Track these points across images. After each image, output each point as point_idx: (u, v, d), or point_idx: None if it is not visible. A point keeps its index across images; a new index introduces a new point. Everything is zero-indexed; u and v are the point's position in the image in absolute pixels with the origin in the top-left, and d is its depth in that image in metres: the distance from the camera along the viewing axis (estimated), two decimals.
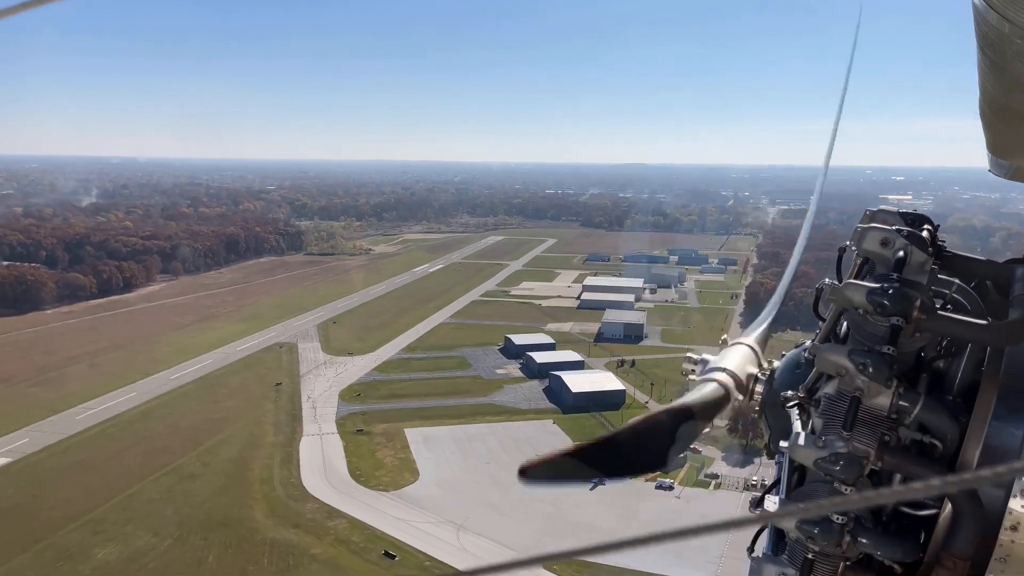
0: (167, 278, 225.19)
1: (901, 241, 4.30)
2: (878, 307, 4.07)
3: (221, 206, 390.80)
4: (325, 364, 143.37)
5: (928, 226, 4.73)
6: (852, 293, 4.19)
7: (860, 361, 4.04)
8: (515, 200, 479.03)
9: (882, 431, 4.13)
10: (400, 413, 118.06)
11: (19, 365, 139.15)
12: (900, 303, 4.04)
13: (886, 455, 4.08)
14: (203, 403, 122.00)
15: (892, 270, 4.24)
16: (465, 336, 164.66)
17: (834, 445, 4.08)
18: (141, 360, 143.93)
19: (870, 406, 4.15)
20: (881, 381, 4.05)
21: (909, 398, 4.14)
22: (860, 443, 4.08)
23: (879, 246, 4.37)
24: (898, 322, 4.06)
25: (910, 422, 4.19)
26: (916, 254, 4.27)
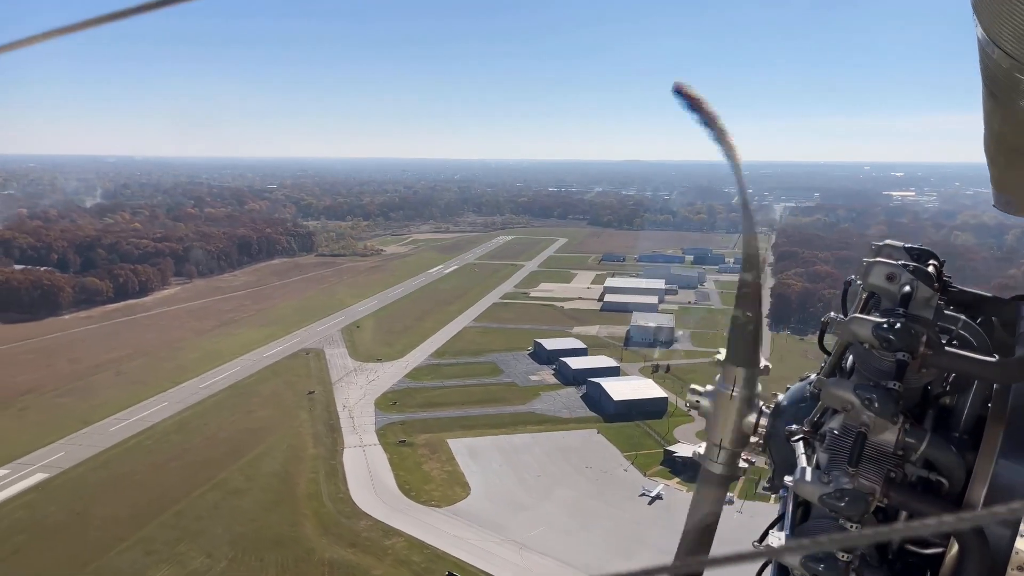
0: (181, 281, 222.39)
1: (907, 276, 4.28)
2: (884, 342, 4.04)
3: (226, 206, 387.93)
4: (355, 371, 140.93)
5: (934, 261, 4.72)
6: (858, 327, 4.15)
7: (866, 396, 4.03)
8: (520, 199, 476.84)
9: (888, 467, 4.10)
10: (440, 423, 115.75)
11: (45, 374, 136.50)
12: (906, 338, 4.01)
13: (892, 492, 4.04)
14: (237, 413, 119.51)
15: (898, 305, 4.22)
16: (492, 341, 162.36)
17: (839, 481, 4.04)
18: (168, 368, 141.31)
19: (876, 442, 4.13)
20: (887, 416, 4.03)
21: (915, 434, 4.12)
22: (866, 479, 4.05)
23: (885, 280, 4.33)
24: (904, 357, 4.04)
25: (916, 459, 4.16)
26: (922, 289, 4.24)
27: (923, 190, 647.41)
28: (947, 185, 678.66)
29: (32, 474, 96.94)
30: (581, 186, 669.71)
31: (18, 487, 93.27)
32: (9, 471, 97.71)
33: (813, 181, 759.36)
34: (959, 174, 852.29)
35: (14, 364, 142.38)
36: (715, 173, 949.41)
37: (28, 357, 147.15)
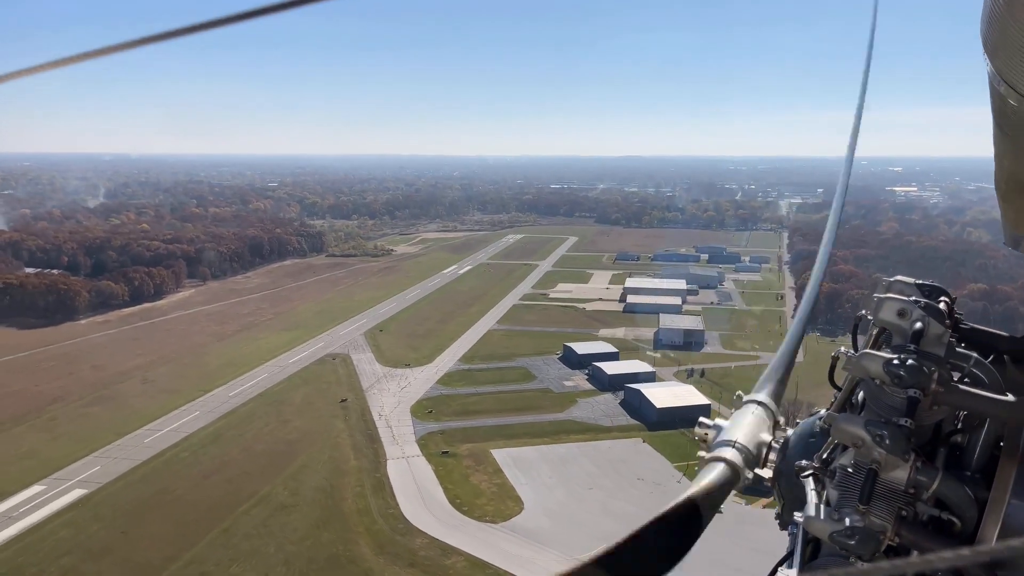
0: (194, 283, 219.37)
1: (918, 312, 4.32)
2: (895, 378, 4.07)
3: (231, 205, 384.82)
4: (385, 377, 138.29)
5: (945, 298, 4.72)
6: (869, 363, 4.17)
7: (877, 433, 4.02)
8: (525, 196, 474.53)
9: (899, 505, 4.08)
10: (480, 432, 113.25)
11: (69, 382, 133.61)
12: (918, 375, 4.04)
13: (903, 530, 4.02)
14: (271, 423, 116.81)
15: (909, 341, 4.25)
16: (519, 344, 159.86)
17: (850, 518, 4.03)
18: (194, 375, 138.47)
19: (887, 479, 4.11)
20: (899, 454, 4.02)
21: (927, 472, 4.11)
22: (877, 517, 4.04)
23: (896, 316, 4.39)
24: (916, 394, 4.06)
25: (928, 497, 4.13)
26: (934, 326, 4.28)
27: (924, 185, 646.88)
28: (947, 180, 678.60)
29: (70, 490, 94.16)
30: (582, 182, 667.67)
31: (58, 504, 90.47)
32: (46, 487, 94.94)
33: (812, 176, 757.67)
34: (958, 168, 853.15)
35: (36, 372, 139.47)
36: (715, 168, 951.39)
37: (49, 364, 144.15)
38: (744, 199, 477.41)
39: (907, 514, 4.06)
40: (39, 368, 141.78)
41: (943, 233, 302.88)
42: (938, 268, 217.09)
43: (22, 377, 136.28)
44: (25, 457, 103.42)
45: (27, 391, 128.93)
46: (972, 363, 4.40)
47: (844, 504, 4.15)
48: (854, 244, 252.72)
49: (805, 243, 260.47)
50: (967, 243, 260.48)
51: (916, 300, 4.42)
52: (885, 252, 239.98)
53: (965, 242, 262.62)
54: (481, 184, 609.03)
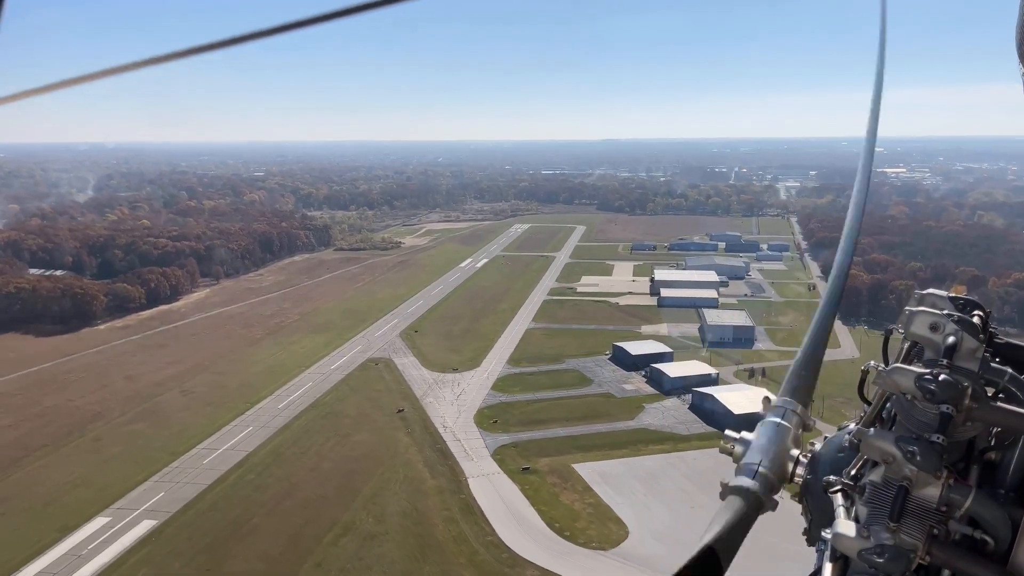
0: (208, 282, 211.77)
1: (952, 326, 4.24)
2: (927, 394, 4.00)
3: (224, 197, 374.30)
4: (436, 384, 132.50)
5: (979, 312, 4.59)
6: (900, 378, 4.10)
7: (908, 449, 3.96)
8: (521, 183, 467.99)
9: (931, 524, 3.99)
10: (554, 444, 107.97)
11: (105, 396, 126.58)
12: (951, 391, 3.96)
13: (935, 549, 3.93)
14: (331, 438, 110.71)
15: (942, 356, 4.18)
16: (563, 344, 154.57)
17: (880, 536, 3.95)
18: (234, 386, 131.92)
19: (918, 497, 4.02)
20: (930, 471, 3.94)
21: (960, 490, 4.02)
22: (907, 535, 3.95)
23: (928, 330, 4.30)
24: (948, 410, 3.97)
25: (960, 515, 4.04)
26: (967, 340, 4.19)
27: (911, 166, 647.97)
28: (932, 160, 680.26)
29: (138, 521, 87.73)
30: (570, 168, 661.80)
31: (128, 539, 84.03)
32: (111, 518, 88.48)
33: (799, 158, 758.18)
34: (939, 148, 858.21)
35: (67, 385, 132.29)
36: (697, 151, 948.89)
37: (79, 376, 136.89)
38: (739, 183, 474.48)
39: (939, 532, 3.95)
40: (69, 380, 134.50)
41: (954, 216, 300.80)
42: (966, 254, 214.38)
43: (53, 391, 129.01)
44: (80, 484, 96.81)
45: (63, 407, 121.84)
46: (1007, 378, 4.26)
47: (874, 521, 4.03)
48: (874, 231, 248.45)
49: (824, 230, 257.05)
50: (988, 228, 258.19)
51: (949, 314, 4.28)
52: (907, 239, 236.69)
53: (986, 227, 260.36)
54: (472, 171, 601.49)
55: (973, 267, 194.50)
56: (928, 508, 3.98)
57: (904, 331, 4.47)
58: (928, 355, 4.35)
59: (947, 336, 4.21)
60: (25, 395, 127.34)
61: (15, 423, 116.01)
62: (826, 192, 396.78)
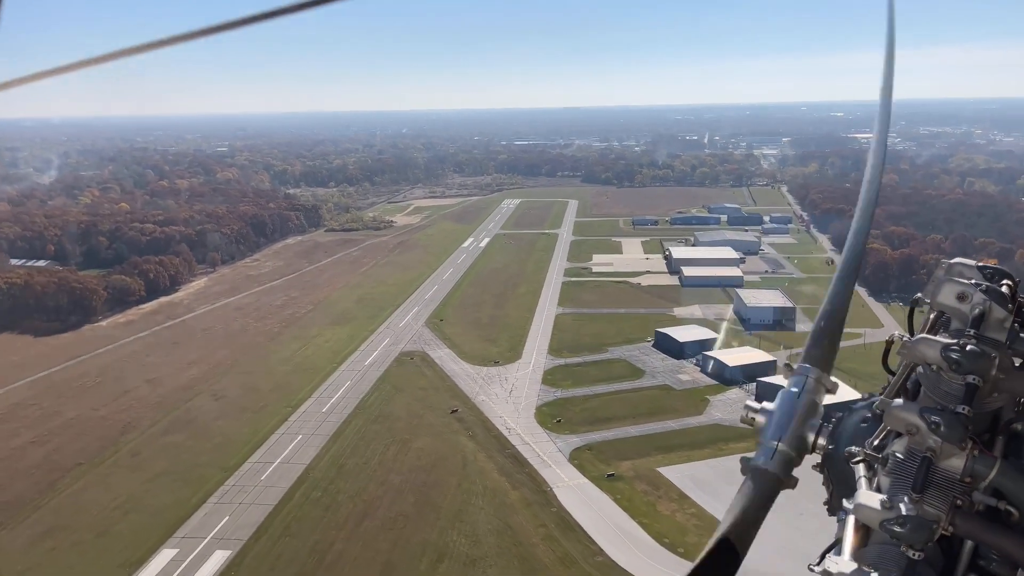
0: (204, 269, 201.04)
1: (979, 296, 4.18)
2: (953, 364, 3.97)
3: (194, 175, 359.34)
4: (482, 379, 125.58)
5: (1008, 281, 4.50)
6: (926, 348, 4.08)
7: (933, 420, 3.95)
8: (500, 156, 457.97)
9: (955, 495, 4.00)
10: (629, 444, 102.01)
11: (130, 403, 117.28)
12: (977, 361, 3.94)
13: (958, 520, 3.94)
14: (390, 446, 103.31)
15: (969, 326, 4.13)
16: (598, 330, 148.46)
17: (902, 507, 3.94)
18: (266, 387, 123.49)
19: (942, 468, 4.04)
20: (955, 442, 3.93)
21: (984, 461, 4.00)
22: (931, 506, 3.97)
23: (955, 300, 4.25)
24: (975, 381, 3.95)
25: (985, 486, 4.03)
26: (996, 310, 4.14)
27: None
28: (894, 124, 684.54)
29: (209, 552, 79.78)
30: (540, 137, 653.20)
31: (206, 574, 76.35)
32: (178, 549, 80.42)
33: (766, 124, 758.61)
34: (900, 112, 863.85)
35: (84, 392, 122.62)
36: (661, 118, 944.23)
37: (94, 381, 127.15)
38: (718, 151, 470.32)
39: (963, 504, 3.94)
40: (85, 387, 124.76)
41: (947, 184, 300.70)
42: (976, 224, 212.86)
43: (72, 400, 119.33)
44: (130, 508, 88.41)
45: (87, 418, 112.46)
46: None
47: (897, 492, 4.02)
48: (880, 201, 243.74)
49: (827, 202, 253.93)
50: (990, 196, 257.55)
51: (977, 283, 4.21)
52: (913, 208, 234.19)
53: (988, 196, 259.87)
54: (442, 143, 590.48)
55: (991, 238, 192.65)
56: (952, 479, 3.96)
57: (931, 301, 4.34)
58: (955, 325, 4.25)
59: (975, 306, 4.11)
60: (41, 405, 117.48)
61: (39, 438, 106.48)
62: (810, 160, 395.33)
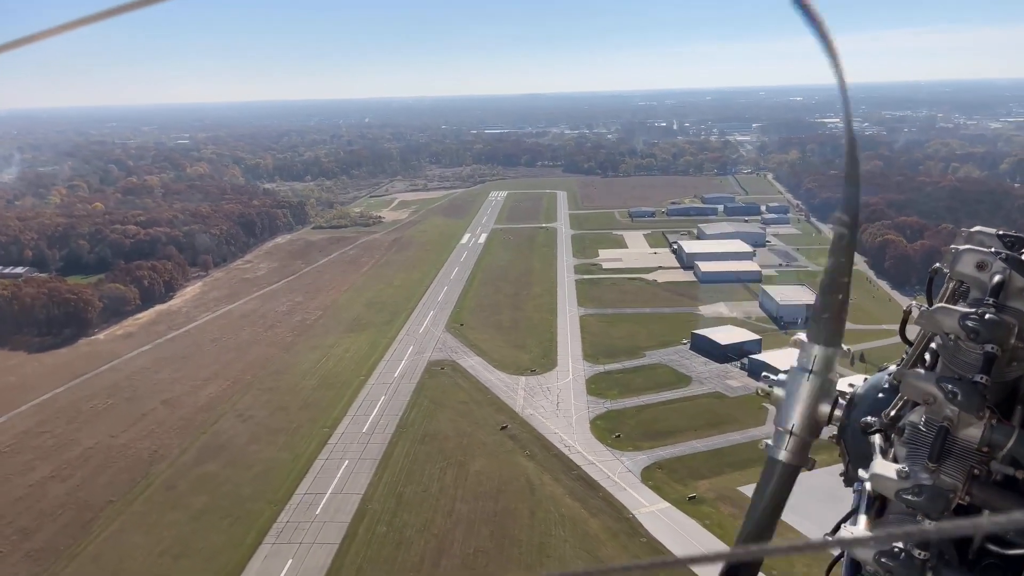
0: (196, 273, 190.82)
1: (999, 264, 4.08)
2: (972, 333, 3.91)
3: (163, 171, 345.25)
4: (525, 391, 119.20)
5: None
6: (944, 318, 4.03)
7: (950, 389, 3.92)
8: (476, 146, 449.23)
9: (971, 464, 3.98)
10: (700, 462, 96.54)
11: (150, 428, 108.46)
12: (997, 330, 3.88)
13: (975, 489, 3.93)
14: (445, 469, 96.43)
15: (988, 295, 4.04)
16: (628, 333, 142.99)
17: (919, 476, 3.96)
18: (295, 406, 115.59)
19: (959, 437, 4.01)
20: (972, 411, 3.90)
21: (1002, 431, 3.96)
22: (947, 476, 3.97)
23: (975, 269, 4.15)
24: (993, 350, 3.90)
25: (1003, 456, 3.99)
26: (1016, 279, 4.06)
27: (839, 114, 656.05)
28: (855, 109, 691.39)
29: None
30: (509, 125, 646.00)
31: None
32: None
33: (726, 110, 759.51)
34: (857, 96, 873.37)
35: (96, 416, 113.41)
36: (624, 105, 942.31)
37: (105, 403, 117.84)
38: (695, 139, 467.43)
39: (980, 473, 3.93)
40: (96, 410, 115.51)
41: (933, 170, 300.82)
42: (979, 211, 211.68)
43: (85, 425, 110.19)
44: (180, 554, 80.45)
45: (108, 447, 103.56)
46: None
47: (913, 462, 4.03)
48: (872, 189, 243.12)
49: (822, 190, 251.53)
50: (984, 183, 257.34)
51: (997, 251, 4.09)
52: (911, 196, 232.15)
53: (982, 182, 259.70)
54: (410, 132, 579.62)
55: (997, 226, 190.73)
56: (969, 449, 3.94)
57: (949, 270, 4.24)
58: (974, 295, 4.09)
59: (994, 274, 4.00)
60: (53, 433, 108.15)
61: (59, 472, 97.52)
62: (789, 147, 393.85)
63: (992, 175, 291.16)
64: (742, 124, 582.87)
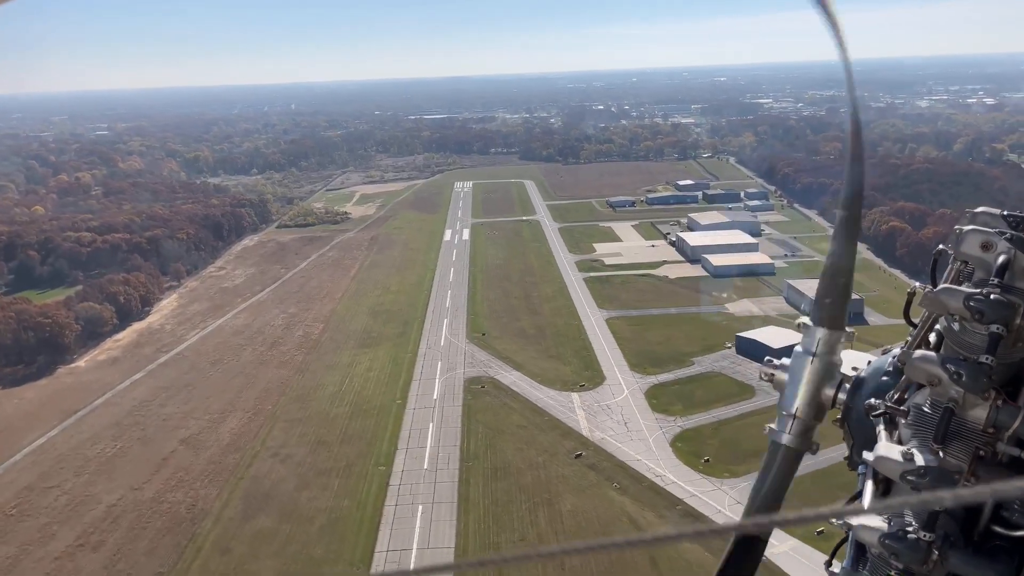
0: (168, 283, 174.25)
1: (1004, 244, 4.07)
2: (977, 314, 3.90)
3: (94, 167, 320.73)
4: (583, 409, 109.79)
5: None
6: (948, 298, 4.02)
7: (955, 370, 3.92)
8: (423, 133, 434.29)
9: (977, 445, 3.98)
10: (807, 486, 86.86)
11: (178, 475, 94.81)
12: (1002, 310, 3.86)
13: (981, 471, 3.95)
14: (534, 510, 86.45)
15: (994, 275, 4.03)
16: (665, 337, 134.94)
17: (924, 458, 3.94)
18: (333, 438, 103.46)
19: (965, 418, 4.01)
20: (977, 392, 3.91)
21: (1008, 411, 3.95)
22: (953, 457, 3.98)
23: (979, 250, 4.14)
24: (999, 330, 3.88)
25: (1008, 437, 3.97)
26: (1021, 259, 4.04)
27: (768, 95, 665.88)
28: (779, 89, 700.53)
29: None
30: (444, 110, 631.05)
31: None
32: None
33: (659, 91, 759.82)
34: (779, 76, 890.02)
35: (108, 463, 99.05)
36: (552, 87, 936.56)
37: (114, 448, 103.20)
38: (642, 123, 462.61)
39: (985, 454, 3.91)
40: (106, 455, 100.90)
41: (891, 151, 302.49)
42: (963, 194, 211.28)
43: (100, 476, 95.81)
44: None
45: (135, 502, 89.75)
46: None
47: (918, 444, 4.02)
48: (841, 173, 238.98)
49: (801, 176, 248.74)
50: (952, 163, 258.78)
51: (1002, 231, 4.08)
52: (891, 180, 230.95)
53: (951, 163, 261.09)
54: (344, 119, 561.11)
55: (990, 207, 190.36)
56: (975, 430, 3.94)
57: (954, 251, 4.23)
58: (979, 275, 4.10)
59: (999, 255, 3.99)
60: (63, 487, 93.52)
61: (85, 538, 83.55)
62: (741, 130, 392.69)
63: (951, 156, 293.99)
64: (681, 106, 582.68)
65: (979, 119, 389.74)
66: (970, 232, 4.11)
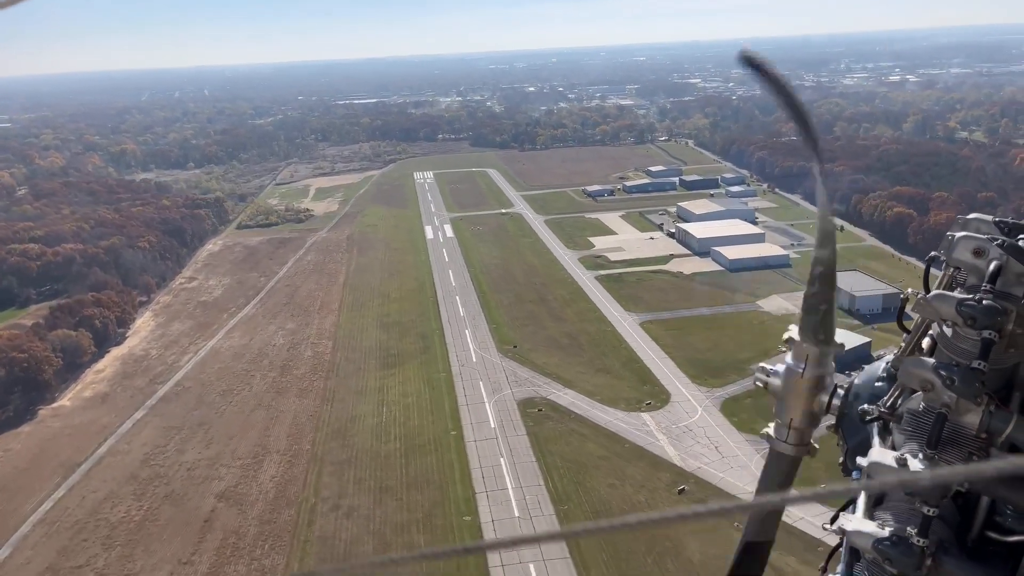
0: (137, 297, 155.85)
1: (996, 251, 4.09)
2: (969, 320, 3.91)
3: (8, 165, 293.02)
4: (662, 433, 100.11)
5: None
6: (941, 304, 4.03)
7: (948, 375, 3.90)
8: (363, 119, 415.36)
9: (970, 450, 3.96)
10: None
11: (226, 541, 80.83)
12: (994, 316, 3.87)
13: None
14: (659, 561, 76.56)
15: (986, 281, 4.05)
16: (710, 342, 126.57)
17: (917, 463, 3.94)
18: (392, 483, 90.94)
19: (957, 423, 3.99)
20: (970, 397, 3.88)
21: (1001, 417, 3.95)
22: (945, 462, 3.96)
23: (972, 256, 4.17)
24: (991, 336, 3.89)
25: (1001, 442, 3.96)
26: (1013, 265, 4.05)
27: (695, 74, 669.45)
28: (702, 69, 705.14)
29: None
30: (371, 93, 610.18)
31: None
32: None
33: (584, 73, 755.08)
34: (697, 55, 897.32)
35: (140, 532, 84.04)
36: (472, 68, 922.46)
37: (140, 511, 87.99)
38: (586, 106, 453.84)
39: (978, 459, 3.91)
40: (134, 520, 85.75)
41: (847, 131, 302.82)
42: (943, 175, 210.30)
43: (136, 548, 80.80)
44: None
45: None
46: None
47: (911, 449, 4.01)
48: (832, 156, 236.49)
49: (777, 157, 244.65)
50: (921, 144, 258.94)
51: (993, 238, 4.12)
52: (868, 162, 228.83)
53: (919, 144, 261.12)
54: (269, 105, 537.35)
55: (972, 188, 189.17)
56: (968, 435, 3.91)
57: (946, 257, 4.26)
58: (971, 281, 4.13)
59: (991, 261, 4.03)
60: (94, 567, 78.29)
61: None
62: (692, 112, 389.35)
63: (904, 135, 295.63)
64: (614, 87, 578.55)
65: (916, 97, 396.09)
66: (962, 238, 4.09)
